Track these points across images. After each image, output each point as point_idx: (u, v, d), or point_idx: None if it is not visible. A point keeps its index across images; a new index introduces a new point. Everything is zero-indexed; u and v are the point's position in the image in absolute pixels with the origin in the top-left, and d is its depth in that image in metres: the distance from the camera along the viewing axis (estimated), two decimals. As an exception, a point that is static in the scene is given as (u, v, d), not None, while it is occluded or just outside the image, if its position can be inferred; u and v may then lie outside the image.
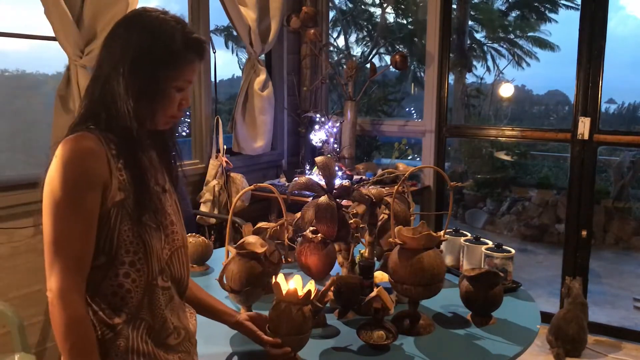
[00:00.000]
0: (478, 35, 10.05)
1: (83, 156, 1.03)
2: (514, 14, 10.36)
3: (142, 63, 1.07)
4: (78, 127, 1.09)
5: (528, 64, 10.33)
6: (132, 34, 1.08)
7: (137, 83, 1.07)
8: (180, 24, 1.11)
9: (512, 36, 10.27)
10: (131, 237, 1.07)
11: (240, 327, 1.32)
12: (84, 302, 1.05)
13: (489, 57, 10.26)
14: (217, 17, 3.25)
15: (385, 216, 1.73)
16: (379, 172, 2.64)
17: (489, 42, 10.19)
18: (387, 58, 9.56)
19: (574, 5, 9.60)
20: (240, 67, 11.14)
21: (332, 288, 1.41)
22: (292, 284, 1.28)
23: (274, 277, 1.29)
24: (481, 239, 1.93)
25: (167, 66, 1.09)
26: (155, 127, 1.15)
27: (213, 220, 3.13)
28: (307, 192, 2.98)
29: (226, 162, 3.20)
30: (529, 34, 10.23)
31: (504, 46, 10.27)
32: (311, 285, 1.27)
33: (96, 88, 1.10)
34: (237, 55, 11.16)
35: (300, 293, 1.24)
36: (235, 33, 10.83)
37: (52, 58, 2.49)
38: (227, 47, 10.97)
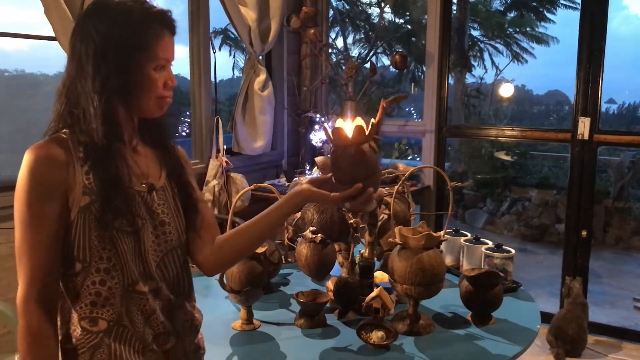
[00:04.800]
0: (475, 33, 10.05)
1: (40, 165, 1.01)
2: (512, 14, 10.36)
3: (105, 52, 1.02)
4: (50, 131, 1.06)
5: (526, 60, 10.31)
6: (90, 25, 1.03)
7: (105, 75, 1.02)
8: (138, 3, 1.05)
9: (510, 31, 10.25)
10: (103, 243, 1.03)
11: (309, 197, 1.15)
12: (43, 312, 1.03)
13: (486, 55, 10.26)
14: (214, 19, 3.25)
15: (385, 216, 1.73)
16: (379, 172, 2.63)
17: (487, 39, 10.18)
18: (384, 58, 9.57)
19: (573, 5, 9.59)
20: (234, 69, 11.19)
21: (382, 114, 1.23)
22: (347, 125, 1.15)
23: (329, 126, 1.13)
24: (481, 239, 1.93)
25: (132, 47, 1.03)
26: (147, 114, 1.10)
27: (213, 220, 3.13)
28: (307, 192, 2.98)
29: (226, 162, 3.20)
30: (527, 29, 10.21)
31: (501, 42, 10.25)
32: (359, 121, 1.14)
33: (63, 90, 1.07)
34: (234, 57, 11.19)
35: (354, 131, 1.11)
36: (232, 36, 10.86)
37: (52, 58, 2.49)
38: (220, 50, 11.02)
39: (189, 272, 1.19)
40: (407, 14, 9.47)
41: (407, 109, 9.39)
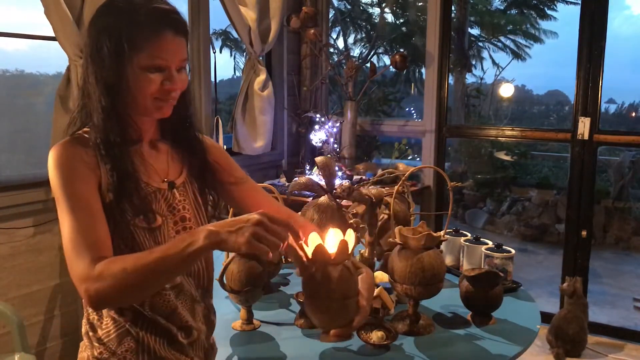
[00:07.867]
0: (475, 32, 10.05)
1: (70, 156, 1.02)
2: (512, 12, 10.36)
3: (102, 46, 1.01)
4: (72, 129, 1.09)
5: (529, 56, 10.29)
6: (96, 20, 1.04)
7: (104, 72, 1.02)
8: (147, 0, 1.03)
9: (510, 28, 10.24)
10: (125, 240, 1.04)
11: None
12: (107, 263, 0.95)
13: (486, 54, 10.25)
14: (214, 21, 3.26)
15: (385, 216, 1.73)
16: (379, 172, 2.64)
17: (486, 38, 10.18)
18: (385, 58, 9.57)
19: (574, 1, 9.57)
20: (235, 70, 11.21)
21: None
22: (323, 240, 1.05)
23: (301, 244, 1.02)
24: (481, 239, 1.93)
25: (127, 44, 1.00)
26: (146, 114, 1.09)
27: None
28: (307, 192, 2.98)
29: (226, 162, 3.19)
30: (527, 26, 10.21)
31: (501, 43, 10.25)
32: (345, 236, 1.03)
33: (82, 82, 1.10)
34: (234, 58, 11.21)
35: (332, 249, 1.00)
36: (232, 37, 10.88)
37: (52, 58, 2.49)
38: (220, 52, 11.05)
39: (210, 266, 1.21)
40: (407, 14, 9.48)
41: (407, 109, 9.39)
